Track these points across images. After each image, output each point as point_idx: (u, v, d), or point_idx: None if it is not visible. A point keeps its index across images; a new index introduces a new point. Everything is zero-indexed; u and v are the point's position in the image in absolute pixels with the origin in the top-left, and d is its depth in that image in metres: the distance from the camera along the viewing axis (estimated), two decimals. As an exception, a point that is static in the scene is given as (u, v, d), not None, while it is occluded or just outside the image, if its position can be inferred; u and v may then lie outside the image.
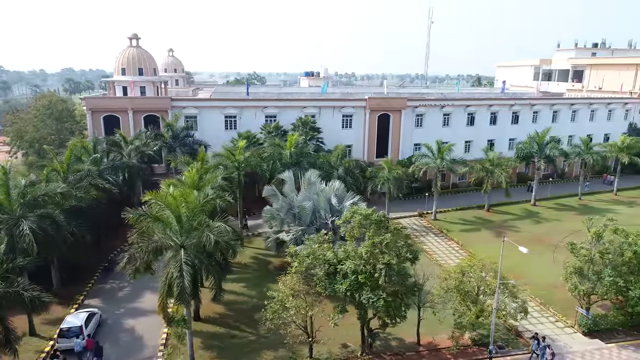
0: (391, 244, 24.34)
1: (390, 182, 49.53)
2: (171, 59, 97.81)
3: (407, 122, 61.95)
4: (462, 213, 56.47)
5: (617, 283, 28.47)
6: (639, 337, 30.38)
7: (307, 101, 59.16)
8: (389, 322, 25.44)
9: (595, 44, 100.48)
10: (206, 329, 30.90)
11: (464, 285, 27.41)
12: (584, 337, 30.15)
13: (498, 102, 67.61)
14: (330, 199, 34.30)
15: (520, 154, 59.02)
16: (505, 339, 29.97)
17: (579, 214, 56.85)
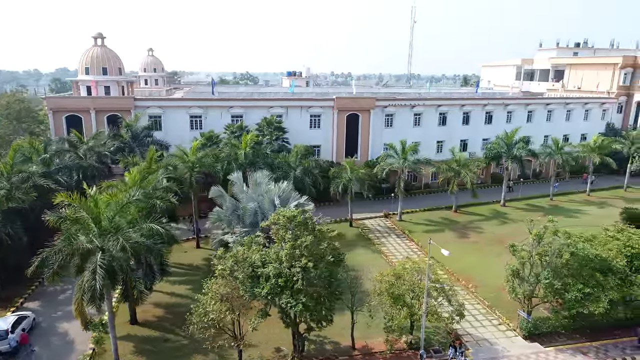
0: (311, 247, 23.80)
1: (352, 183, 49.03)
2: (151, 59, 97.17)
3: (377, 122, 61.46)
4: (429, 214, 55.95)
5: (554, 285, 27.96)
6: (580, 341, 29.89)
7: (273, 101, 58.61)
8: (314, 326, 24.96)
9: (577, 43, 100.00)
10: (141, 332, 30.38)
11: (394, 288, 26.88)
12: (524, 341, 29.64)
13: (470, 102, 67.07)
14: (273, 200, 33.74)
15: (489, 154, 58.51)
16: (444, 342, 29.48)
17: (547, 215, 56.34)
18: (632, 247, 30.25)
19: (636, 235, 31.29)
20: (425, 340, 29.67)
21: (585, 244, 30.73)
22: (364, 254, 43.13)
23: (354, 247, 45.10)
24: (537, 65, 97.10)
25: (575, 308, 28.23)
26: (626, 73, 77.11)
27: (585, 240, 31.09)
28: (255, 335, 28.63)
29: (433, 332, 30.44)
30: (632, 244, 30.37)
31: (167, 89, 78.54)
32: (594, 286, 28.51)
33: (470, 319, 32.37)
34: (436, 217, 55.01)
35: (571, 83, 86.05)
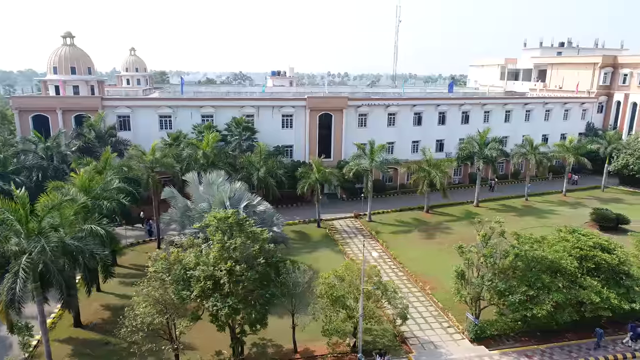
0: (240, 249, 23.35)
1: (319, 183, 48.59)
2: (133, 58, 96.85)
3: (350, 121, 61.03)
4: (401, 214, 55.53)
5: (497, 287, 27.52)
6: (528, 344, 29.44)
7: (244, 101, 58.19)
8: (247, 329, 24.53)
9: (561, 43, 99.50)
10: (83, 335, 29.94)
11: (334, 290, 26.42)
12: (470, 344, 29.18)
13: (446, 101, 66.60)
14: (223, 201, 33.28)
15: (461, 154, 58.06)
16: (389, 345, 29.04)
17: (519, 215, 56.10)
18: (581, 249, 29.77)
19: (586, 236, 30.77)
20: (370, 343, 29.34)
21: (534, 245, 30.31)
22: (326, 255, 42.66)
23: (317, 248, 44.71)
24: (520, 65, 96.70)
25: (519, 311, 27.77)
26: (606, 73, 76.65)
27: (535, 242, 30.62)
28: (197, 338, 28.33)
29: (380, 335, 30.00)
30: (580, 245, 29.88)
31: (145, 89, 78.06)
32: (540, 288, 28.08)
33: (421, 322, 31.97)
34: (407, 217, 54.59)
35: (553, 83, 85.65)
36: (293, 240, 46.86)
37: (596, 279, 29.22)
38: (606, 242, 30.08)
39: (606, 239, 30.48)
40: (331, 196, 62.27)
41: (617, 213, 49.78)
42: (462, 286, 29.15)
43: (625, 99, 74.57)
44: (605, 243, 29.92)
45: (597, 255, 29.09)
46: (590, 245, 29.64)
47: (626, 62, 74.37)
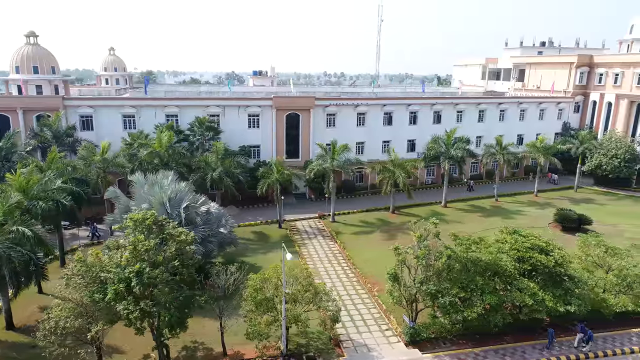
0: (153, 251, 22.87)
1: (279, 183, 48.11)
2: (112, 58, 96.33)
3: (318, 121, 60.55)
4: (366, 215, 55.06)
5: (428, 289, 27.06)
6: (464, 347, 28.96)
7: (209, 100, 57.71)
8: (166, 332, 24.06)
9: (542, 42, 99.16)
10: (13, 338, 29.43)
11: (257, 293, 25.94)
12: (405, 348, 28.71)
13: (417, 101, 66.12)
14: (163, 202, 32.82)
15: (428, 154, 57.60)
16: (322, 348, 28.57)
17: (486, 215, 55.65)
18: (518, 250, 29.30)
19: (525, 238, 30.27)
20: (304, 346, 28.90)
21: (472, 246, 29.87)
22: (279, 256, 41.77)
23: (272, 249, 44.17)
24: (501, 65, 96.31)
25: (450, 313, 27.32)
26: (582, 72, 76.16)
27: (472, 243, 30.17)
28: (125, 341, 27.85)
29: (316, 338, 29.53)
30: (517, 247, 29.42)
31: (119, 89, 77.55)
32: (473, 290, 27.63)
33: (361, 324, 31.50)
34: (372, 218, 54.12)
35: (531, 82, 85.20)
36: (250, 241, 46.55)
37: (533, 281, 28.81)
38: (545, 243, 29.57)
39: (545, 241, 29.96)
40: (300, 196, 61.88)
41: (579, 214, 49.35)
42: (394, 288, 28.67)
43: (600, 99, 74.11)
44: (544, 244, 29.41)
45: (533, 256, 28.61)
46: (527, 247, 29.15)
47: (602, 61, 73.90)
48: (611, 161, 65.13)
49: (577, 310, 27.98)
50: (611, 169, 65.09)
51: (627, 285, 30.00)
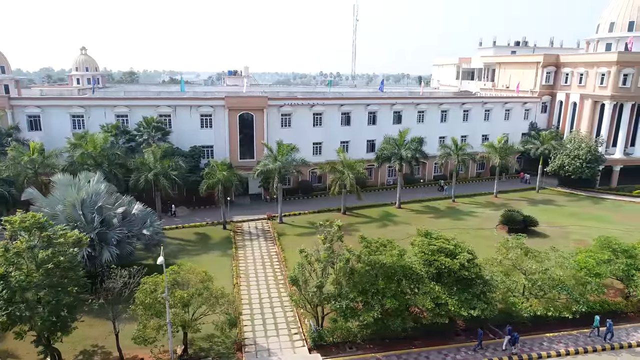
0: (25, 254, 22.36)
1: (222, 184, 47.56)
2: (83, 57, 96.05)
3: (273, 121, 60.01)
4: (316, 216, 54.34)
5: (324, 294, 26.51)
6: (370, 352, 28.36)
7: (159, 100, 57.24)
8: (47, 335, 23.58)
9: (517, 42, 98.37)
10: None
11: (147, 296, 25.41)
12: (308, 352, 28.14)
13: (376, 101, 65.54)
14: (74, 203, 32.34)
15: (380, 155, 57.01)
16: (224, 353, 28.06)
17: (437, 217, 55.05)
18: (424, 253, 28.74)
19: (437, 240, 29.68)
20: (205, 350, 28.41)
21: (380, 248, 29.31)
22: (211, 258, 41.65)
23: (208, 251, 43.74)
24: (474, 64, 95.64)
25: (346, 317, 26.78)
26: (549, 72, 75.47)
27: (380, 245, 29.60)
28: (19, 345, 27.32)
29: (220, 342, 29.00)
30: (423, 250, 28.86)
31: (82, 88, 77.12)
32: (374, 294, 27.10)
33: (271, 328, 30.94)
34: (321, 219, 51.98)
35: (501, 82, 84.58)
36: (190, 243, 46.06)
37: (442, 284, 28.25)
38: (453, 246, 28.97)
39: (455, 243, 29.35)
40: (256, 197, 61.42)
41: (525, 215, 48.75)
42: (294, 291, 28.13)
43: (566, 99, 73.44)
44: (452, 247, 28.82)
45: (438, 259, 28.04)
46: (433, 250, 28.59)
47: (567, 61, 73.22)
48: (573, 162, 64.42)
49: (481, 315, 27.45)
50: (573, 170, 64.38)
51: (538, 289, 29.43)
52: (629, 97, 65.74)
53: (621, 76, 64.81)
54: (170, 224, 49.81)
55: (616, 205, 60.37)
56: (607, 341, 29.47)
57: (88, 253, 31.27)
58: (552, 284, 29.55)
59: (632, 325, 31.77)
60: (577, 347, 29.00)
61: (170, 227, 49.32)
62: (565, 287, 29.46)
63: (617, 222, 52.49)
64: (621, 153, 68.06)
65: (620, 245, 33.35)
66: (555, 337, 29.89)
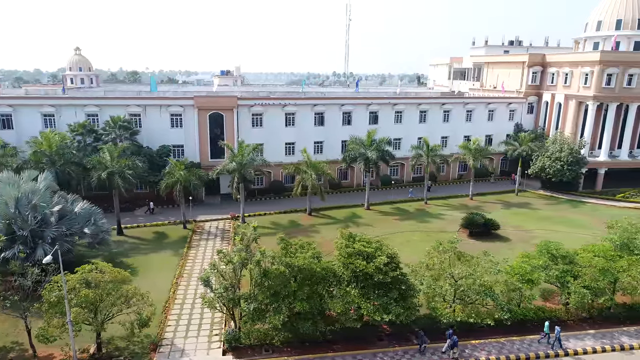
0: None
1: (181, 183, 47.67)
2: (77, 57, 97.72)
3: (244, 121, 59.93)
4: (281, 217, 54.24)
5: (229, 297, 26.26)
6: (285, 354, 27.92)
7: (128, 99, 57.75)
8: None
9: (511, 41, 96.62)
10: None
11: (50, 295, 25.51)
12: (221, 354, 27.90)
13: (351, 101, 64.91)
14: (7, 201, 32.75)
15: (346, 155, 56.42)
16: (138, 353, 28.03)
17: (402, 219, 54.21)
18: (342, 256, 28.21)
19: (358, 242, 29.07)
20: (121, 349, 28.42)
21: (299, 250, 28.89)
22: (161, 257, 41.81)
23: (160, 250, 43.85)
24: (466, 64, 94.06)
25: (253, 320, 26.48)
26: (535, 72, 73.67)
27: (299, 247, 29.17)
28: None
29: (138, 342, 28.93)
30: (341, 253, 28.33)
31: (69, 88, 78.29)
32: (286, 296, 26.73)
33: (194, 328, 30.80)
34: (285, 220, 53.28)
35: (489, 82, 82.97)
36: (145, 242, 46.23)
37: (356, 288, 27.70)
38: (374, 249, 28.34)
39: (376, 246, 28.71)
40: (227, 196, 61.36)
41: (487, 218, 47.59)
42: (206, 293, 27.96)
43: (552, 99, 71.57)
44: (372, 250, 28.19)
45: (353, 263, 27.49)
46: (349, 253, 28.02)
47: (553, 60, 71.36)
48: (554, 164, 62.74)
49: (395, 320, 26.85)
50: (554, 172, 62.69)
51: (462, 294, 28.63)
52: (613, 97, 63.69)
53: (605, 76, 62.82)
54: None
55: (595, 210, 58.52)
56: (554, 348, 28.61)
57: (20, 250, 31.59)
58: (478, 290, 28.72)
59: (571, 333, 30.64)
60: (500, 355, 28.13)
61: (132, 226, 49.85)
62: (490, 293, 28.61)
63: (590, 227, 50.88)
64: (606, 155, 65.99)
65: (559, 250, 32.22)
66: (480, 344, 29.02)
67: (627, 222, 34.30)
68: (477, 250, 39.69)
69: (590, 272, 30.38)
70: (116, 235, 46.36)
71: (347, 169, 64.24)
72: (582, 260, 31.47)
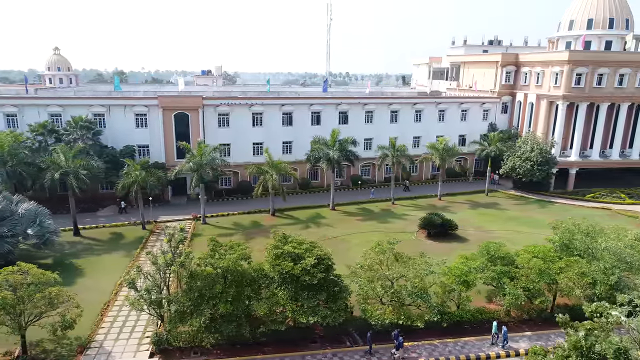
0: None
1: (138, 184, 47.35)
2: (56, 57, 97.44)
3: (210, 121, 59.62)
4: (243, 217, 53.93)
5: (151, 298, 25.98)
6: (213, 357, 27.65)
7: (92, 99, 57.47)
8: None
9: (490, 41, 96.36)
10: None
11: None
12: (148, 357, 27.59)
13: (320, 101, 64.61)
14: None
15: (310, 155, 56.13)
16: (64, 355, 27.72)
17: (364, 219, 53.93)
18: (271, 257, 27.92)
19: (290, 244, 28.75)
20: (47, 352, 28.10)
21: (228, 251, 28.60)
22: (112, 259, 41.44)
23: (114, 250, 43.61)
24: (445, 64, 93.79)
25: (177, 322, 26.20)
26: (508, 71, 73.40)
27: (229, 248, 28.85)
28: None
29: (67, 344, 28.61)
30: (270, 254, 28.04)
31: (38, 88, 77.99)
32: (210, 298, 26.44)
33: (127, 330, 30.49)
34: (247, 220, 52.97)
35: (465, 82, 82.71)
36: (100, 242, 45.90)
37: (284, 289, 27.41)
38: (303, 251, 28.03)
39: (306, 248, 28.38)
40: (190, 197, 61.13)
41: (445, 219, 47.25)
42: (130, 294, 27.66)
43: (524, 99, 71.30)
44: (302, 251, 27.87)
45: (280, 264, 27.19)
46: (277, 254, 27.72)
47: (526, 60, 71.09)
48: (524, 164, 62.51)
49: (322, 322, 26.59)
50: (524, 172, 62.50)
51: (392, 296, 28.33)
52: (584, 97, 63.41)
53: (574, 76, 62.54)
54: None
55: (563, 210, 58.10)
56: (503, 348, 28.56)
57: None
58: (411, 291, 28.45)
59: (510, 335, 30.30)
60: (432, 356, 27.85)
61: (90, 226, 49.55)
62: (421, 294, 28.33)
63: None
64: (577, 155, 65.71)
65: (498, 251, 31.94)
66: (412, 346, 28.71)
67: (571, 223, 33.98)
68: (434, 251, 39.72)
69: (527, 273, 30.12)
70: (72, 236, 46.22)
71: (317, 169, 63.95)
72: (520, 261, 31.19)
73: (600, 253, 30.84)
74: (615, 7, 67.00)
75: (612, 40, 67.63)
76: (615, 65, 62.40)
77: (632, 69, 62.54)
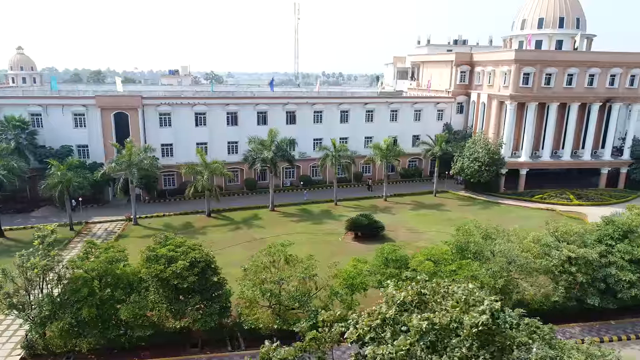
0: None
1: (63, 185, 46.75)
2: (19, 57, 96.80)
3: (150, 121, 58.99)
4: (178, 218, 53.41)
5: (10, 302, 25.39)
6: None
7: (27, 99, 56.90)
8: None
9: (455, 40, 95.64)
10: None
11: None
12: (18, 361, 27.07)
13: (266, 100, 64.04)
14: None
15: (248, 155, 55.53)
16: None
17: (299, 220, 53.46)
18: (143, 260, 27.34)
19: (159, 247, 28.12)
20: None
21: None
22: (24, 260, 40.81)
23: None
24: (408, 64, 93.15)
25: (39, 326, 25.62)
26: (463, 71, 72.78)
27: (104, 251, 28.28)
28: None
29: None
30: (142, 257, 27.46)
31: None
32: (76, 302, 25.88)
33: (7, 335, 29.92)
34: (180, 221, 52.38)
35: (424, 81, 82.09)
36: (19, 242, 45.06)
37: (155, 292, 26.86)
38: (179, 254, 27.38)
39: (183, 250, 27.74)
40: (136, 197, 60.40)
41: (372, 219, 46.64)
42: None
43: (478, 99, 70.70)
44: (176, 255, 27.25)
45: (150, 267, 26.58)
46: (148, 257, 27.12)
47: (479, 60, 70.49)
48: (472, 165, 61.92)
49: (192, 326, 26.05)
50: (471, 173, 61.92)
51: (271, 299, 27.78)
52: (532, 97, 62.79)
53: (522, 75, 61.92)
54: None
55: (506, 211, 57.57)
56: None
57: None
58: (293, 294, 27.89)
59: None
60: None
61: (18, 227, 49.00)
62: (299, 298, 27.75)
63: (489, 229, 49.98)
64: (527, 156, 65.09)
65: (392, 254, 31.34)
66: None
67: (472, 225, 33.41)
68: (356, 252, 39.12)
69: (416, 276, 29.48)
70: (-5, 237, 45.66)
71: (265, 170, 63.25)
72: (413, 264, 30.60)
73: (493, 256, 30.26)
74: (566, 6, 66.46)
75: (563, 39, 67.06)
76: (563, 65, 61.79)
77: (580, 68, 61.96)
